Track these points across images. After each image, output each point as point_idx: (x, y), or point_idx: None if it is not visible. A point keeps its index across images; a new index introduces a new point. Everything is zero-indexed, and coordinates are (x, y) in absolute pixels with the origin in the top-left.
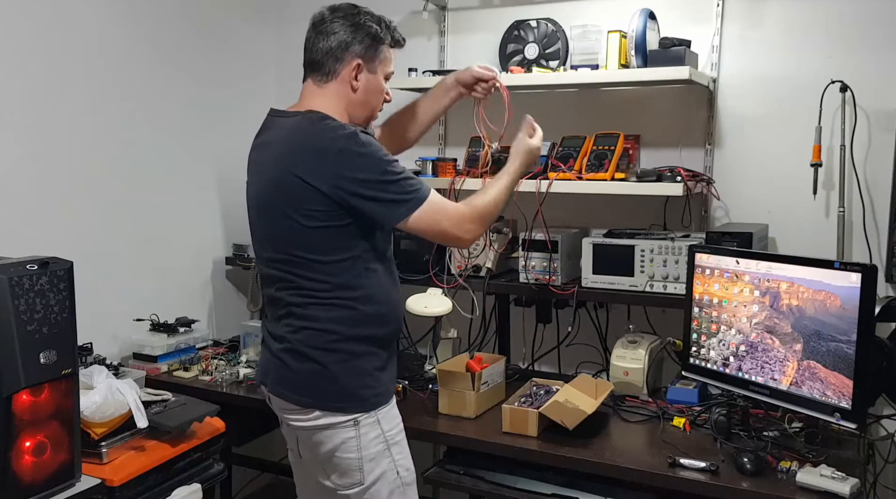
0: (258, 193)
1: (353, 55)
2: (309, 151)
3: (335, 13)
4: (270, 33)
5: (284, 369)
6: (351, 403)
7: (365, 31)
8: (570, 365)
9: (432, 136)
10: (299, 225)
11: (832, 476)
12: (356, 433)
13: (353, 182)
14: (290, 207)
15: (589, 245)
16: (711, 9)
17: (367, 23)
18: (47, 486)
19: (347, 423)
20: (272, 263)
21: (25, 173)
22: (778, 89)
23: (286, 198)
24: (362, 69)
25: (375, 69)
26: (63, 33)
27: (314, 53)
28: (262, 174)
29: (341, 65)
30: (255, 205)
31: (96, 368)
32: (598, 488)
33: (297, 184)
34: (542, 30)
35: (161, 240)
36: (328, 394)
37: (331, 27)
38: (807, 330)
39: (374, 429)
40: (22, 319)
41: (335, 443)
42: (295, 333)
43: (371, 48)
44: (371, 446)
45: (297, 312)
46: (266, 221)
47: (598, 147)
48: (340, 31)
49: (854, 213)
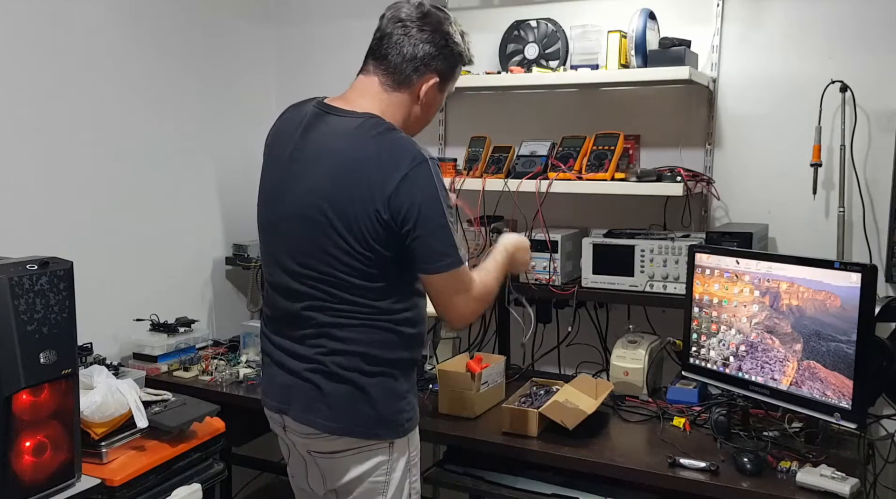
0: (303, 201)
1: (433, 71)
2: (385, 170)
3: (427, 18)
4: (271, 33)
5: (315, 392)
6: (388, 429)
7: (451, 49)
8: (570, 365)
9: (432, 136)
10: (347, 246)
11: (832, 476)
12: (388, 457)
13: (415, 216)
14: (346, 228)
15: (589, 245)
16: (711, 9)
17: (455, 39)
18: (47, 486)
19: (382, 447)
20: (303, 280)
21: (26, 173)
22: (778, 89)
23: (344, 217)
24: (436, 86)
25: (446, 87)
26: (63, 33)
27: (392, 53)
28: (310, 179)
29: (418, 77)
30: (294, 213)
31: (96, 369)
32: (598, 488)
33: (361, 201)
34: (542, 30)
35: (161, 240)
36: (367, 419)
37: (420, 34)
38: (807, 330)
39: (404, 453)
40: (22, 319)
41: (367, 467)
42: (329, 355)
43: (451, 67)
44: (398, 468)
45: (332, 334)
46: (309, 233)
47: (598, 147)
48: (430, 41)
49: (854, 213)
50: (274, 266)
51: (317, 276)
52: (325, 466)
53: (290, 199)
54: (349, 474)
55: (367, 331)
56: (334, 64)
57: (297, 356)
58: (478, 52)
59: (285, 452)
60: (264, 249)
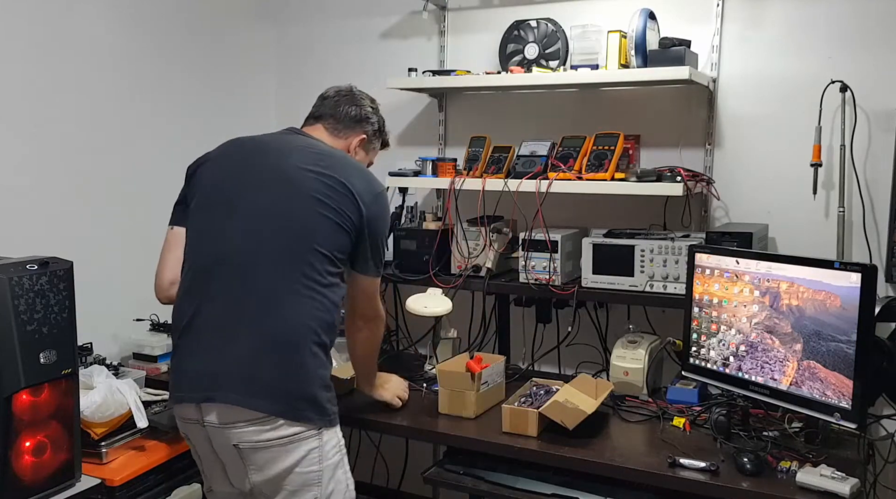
0: (275, 189)
1: (362, 130)
2: (361, 174)
3: (363, 96)
4: (270, 34)
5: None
6: (316, 411)
7: (375, 120)
8: (570, 365)
9: (432, 136)
10: (329, 221)
11: (832, 476)
12: (319, 443)
13: (377, 221)
14: (325, 207)
15: (589, 245)
16: (711, 9)
17: (378, 115)
18: (47, 486)
19: (311, 432)
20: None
21: (26, 173)
22: (778, 89)
23: (327, 197)
24: (363, 144)
25: (368, 151)
26: (63, 33)
27: (334, 110)
28: (280, 173)
29: (352, 132)
30: (271, 201)
31: (96, 369)
32: (598, 488)
33: (345, 188)
34: (542, 30)
35: (161, 240)
36: (300, 400)
37: (360, 102)
38: (807, 330)
39: (334, 436)
40: (22, 319)
41: (297, 456)
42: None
43: (375, 135)
44: (331, 455)
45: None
46: (292, 213)
47: (598, 147)
48: (366, 108)
49: (854, 213)
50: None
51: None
52: (253, 457)
53: (267, 192)
54: (280, 465)
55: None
56: (334, 64)
57: (233, 335)
58: (478, 52)
59: (197, 454)
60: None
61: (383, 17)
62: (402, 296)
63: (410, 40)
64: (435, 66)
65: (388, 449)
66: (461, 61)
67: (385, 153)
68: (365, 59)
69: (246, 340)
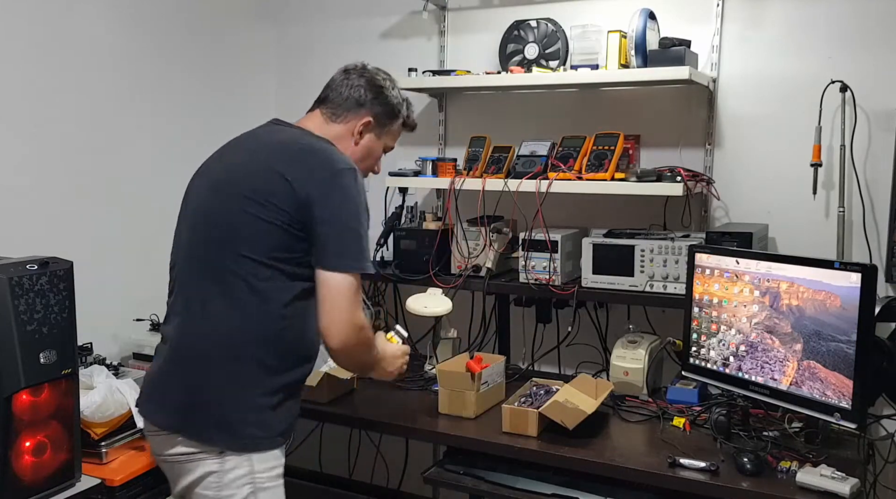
0: (208, 193)
1: (368, 111)
2: (309, 156)
3: (367, 72)
4: (270, 33)
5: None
6: (222, 432)
7: (386, 99)
8: (570, 365)
9: (432, 136)
10: (259, 221)
11: (832, 476)
12: (219, 468)
13: (328, 203)
14: (253, 204)
15: (589, 245)
16: (711, 9)
17: (391, 93)
18: (47, 486)
19: (207, 455)
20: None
21: (26, 173)
22: (778, 89)
23: (256, 192)
24: (370, 127)
25: (381, 134)
26: (63, 33)
27: (335, 93)
28: (219, 174)
29: (354, 115)
30: (204, 202)
31: (96, 369)
32: (598, 488)
33: (276, 176)
34: (542, 30)
35: (161, 240)
36: (203, 418)
37: (360, 81)
38: (807, 330)
39: (244, 465)
40: (22, 319)
41: (195, 477)
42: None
43: (385, 115)
44: (234, 486)
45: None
46: (218, 217)
47: (598, 147)
48: (367, 88)
49: (854, 213)
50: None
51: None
52: (165, 469)
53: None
54: (184, 481)
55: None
56: (334, 64)
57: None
58: (478, 52)
59: None
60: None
61: (383, 17)
62: (402, 296)
63: (410, 40)
64: (435, 66)
65: (388, 449)
66: (461, 61)
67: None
68: (365, 59)
69: (165, 354)
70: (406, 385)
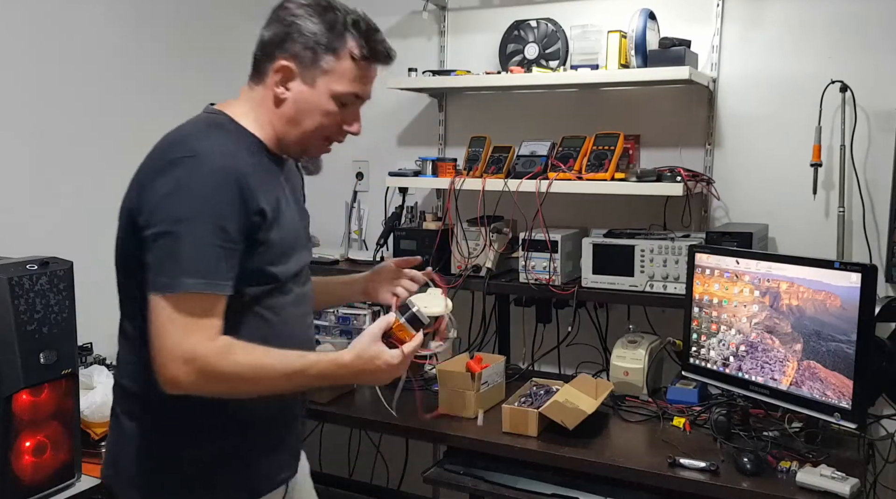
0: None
1: (283, 54)
2: (160, 147)
3: (283, 6)
4: None
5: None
6: (138, 490)
7: (302, 28)
8: (570, 365)
9: (432, 136)
10: (120, 230)
11: (832, 476)
12: None
13: (152, 200)
14: (120, 213)
15: (589, 245)
16: (711, 9)
17: (313, 20)
18: (47, 486)
19: None
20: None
21: (26, 173)
22: (778, 89)
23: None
24: (292, 75)
25: (313, 80)
26: (64, 32)
27: (257, 49)
28: None
29: (269, 65)
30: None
31: (96, 369)
32: (598, 488)
33: (127, 194)
34: (542, 30)
35: None
36: (123, 472)
37: (275, 15)
38: (807, 330)
39: None
40: (22, 319)
41: None
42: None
43: (309, 50)
44: None
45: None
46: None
47: (598, 147)
48: (281, 22)
49: (854, 213)
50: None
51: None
52: None
53: None
54: None
55: None
56: None
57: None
58: (478, 52)
59: None
60: None
61: (383, 17)
62: None
63: (410, 40)
64: (435, 66)
65: (388, 449)
66: (461, 61)
67: (386, 153)
68: None
69: None
70: (406, 385)
